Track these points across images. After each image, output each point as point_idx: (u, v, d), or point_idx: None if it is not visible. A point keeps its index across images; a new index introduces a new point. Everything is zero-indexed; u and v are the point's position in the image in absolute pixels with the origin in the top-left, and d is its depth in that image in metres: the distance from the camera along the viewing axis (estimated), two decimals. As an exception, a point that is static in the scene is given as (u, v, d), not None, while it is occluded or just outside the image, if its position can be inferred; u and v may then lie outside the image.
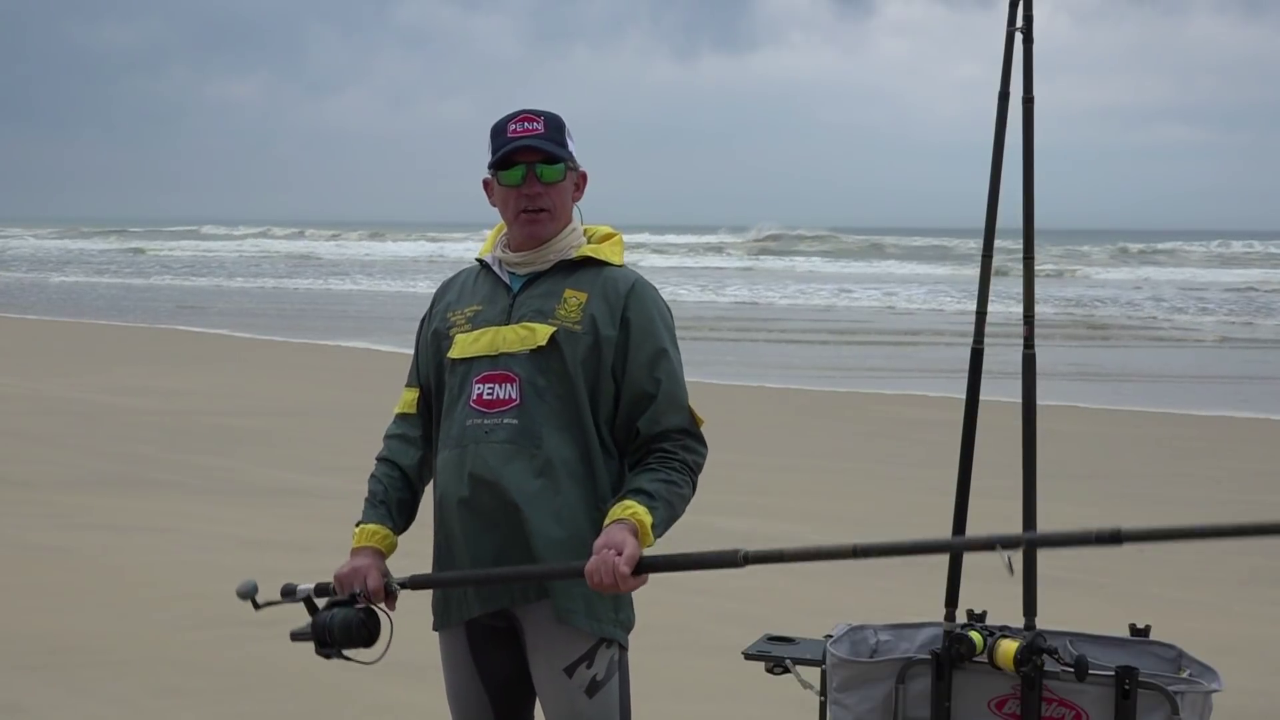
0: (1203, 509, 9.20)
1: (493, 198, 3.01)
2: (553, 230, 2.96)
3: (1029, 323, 3.17)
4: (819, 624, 3.78)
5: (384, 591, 2.86)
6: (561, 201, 2.96)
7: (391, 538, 2.98)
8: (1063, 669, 2.93)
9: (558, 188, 2.94)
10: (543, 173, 2.91)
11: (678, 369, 2.93)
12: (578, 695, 2.87)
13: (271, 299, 32.31)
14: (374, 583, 2.86)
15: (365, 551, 2.93)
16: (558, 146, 2.92)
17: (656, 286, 3.03)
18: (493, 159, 2.94)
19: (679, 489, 2.84)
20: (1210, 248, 53.96)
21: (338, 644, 2.81)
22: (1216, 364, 19.23)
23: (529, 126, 2.92)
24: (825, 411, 13.98)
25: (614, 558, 2.65)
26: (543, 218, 2.93)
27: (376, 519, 2.98)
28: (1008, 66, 3.19)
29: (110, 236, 73.46)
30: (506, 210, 2.96)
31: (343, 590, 2.87)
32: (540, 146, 2.90)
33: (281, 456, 10.87)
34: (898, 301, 30.73)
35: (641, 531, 2.73)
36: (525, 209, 2.92)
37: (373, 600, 2.85)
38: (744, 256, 50.87)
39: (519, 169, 2.91)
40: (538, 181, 2.91)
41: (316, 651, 2.84)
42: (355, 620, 2.82)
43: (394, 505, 3.01)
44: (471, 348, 2.93)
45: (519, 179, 2.91)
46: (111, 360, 17.86)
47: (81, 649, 5.78)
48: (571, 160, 2.96)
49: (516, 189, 2.92)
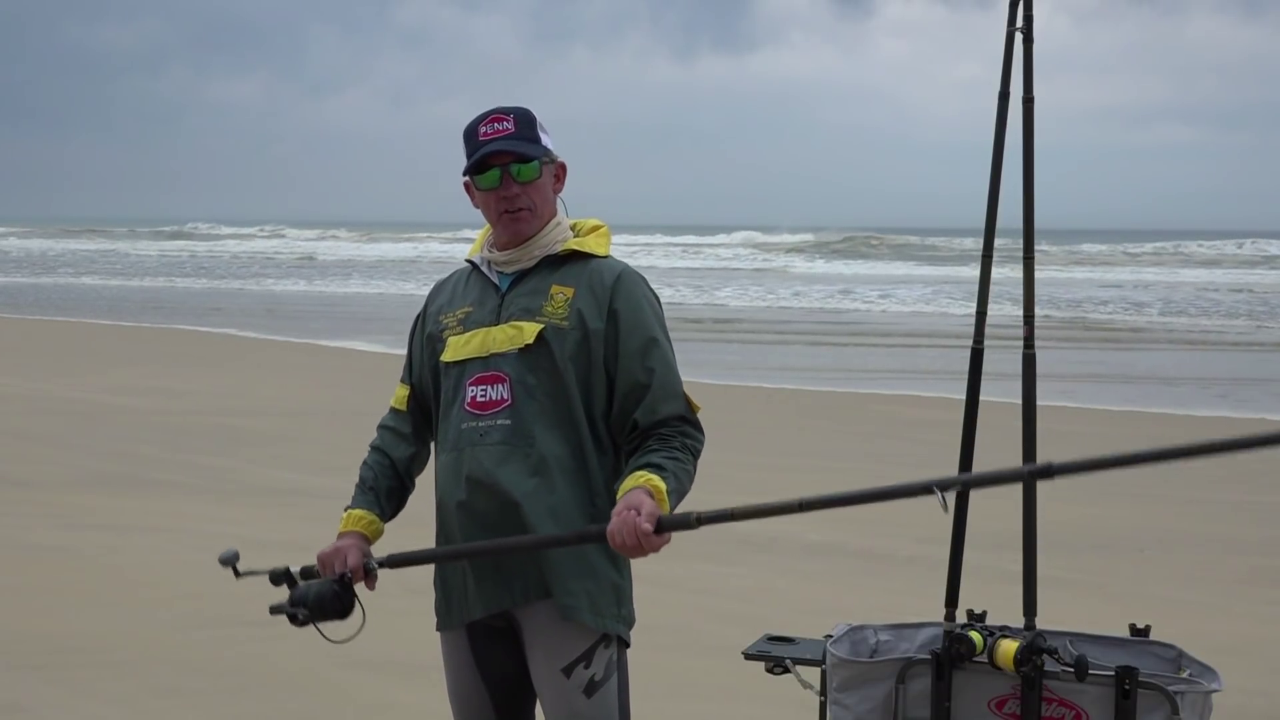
0: (1202, 508, 9.21)
1: (474, 201, 3.02)
2: (536, 226, 2.96)
3: (1029, 323, 3.17)
4: (819, 624, 3.78)
5: (363, 570, 2.90)
6: (542, 198, 2.96)
7: (378, 523, 3.01)
8: (1063, 669, 2.93)
9: (535, 185, 2.94)
10: (518, 173, 2.91)
11: (670, 356, 2.93)
12: (576, 695, 2.87)
13: (271, 299, 32.31)
14: (354, 560, 2.90)
15: (349, 534, 2.98)
16: (530, 144, 2.92)
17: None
18: (468, 164, 2.95)
19: (683, 465, 2.83)
20: (1210, 248, 53.93)
21: (311, 613, 2.86)
22: (1216, 364, 19.23)
23: (499, 127, 2.92)
24: (825, 412, 13.98)
25: (635, 517, 2.63)
26: (524, 215, 2.94)
27: (364, 504, 3.02)
28: (1008, 66, 3.19)
29: (112, 237, 73.41)
30: (489, 213, 2.97)
31: (325, 571, 2.91)
32: (511, 148, 2.90)
33: (281, 456, 10.87)
34: (893, 304, 30.72)
35: (658, 495, 2.72)
36: (506, 210, 2.93)
37: (353, 578, 2.90)
38: (815, 258, 49.98)
39: (494, 172, 2.91)
40: (514, 182, 2.92)
41: (291, 621, 2.89)
42: (329, 591, 2.87)
43: (383, 492, 3.04)
44: (463, 350, 2.94)
45: (495, 182, 2.92)
46: (111, 360, 17.86)
47: (81, 649, 5.78)
48: (546, 155, 2.95)
49: (494, 192, 2.93)
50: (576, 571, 2.86)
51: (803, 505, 2.26)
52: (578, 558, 2.86)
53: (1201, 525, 8.71)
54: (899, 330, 24.57)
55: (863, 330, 24.56)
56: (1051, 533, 3.96)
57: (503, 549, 2.81)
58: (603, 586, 2.89)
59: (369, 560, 2.91)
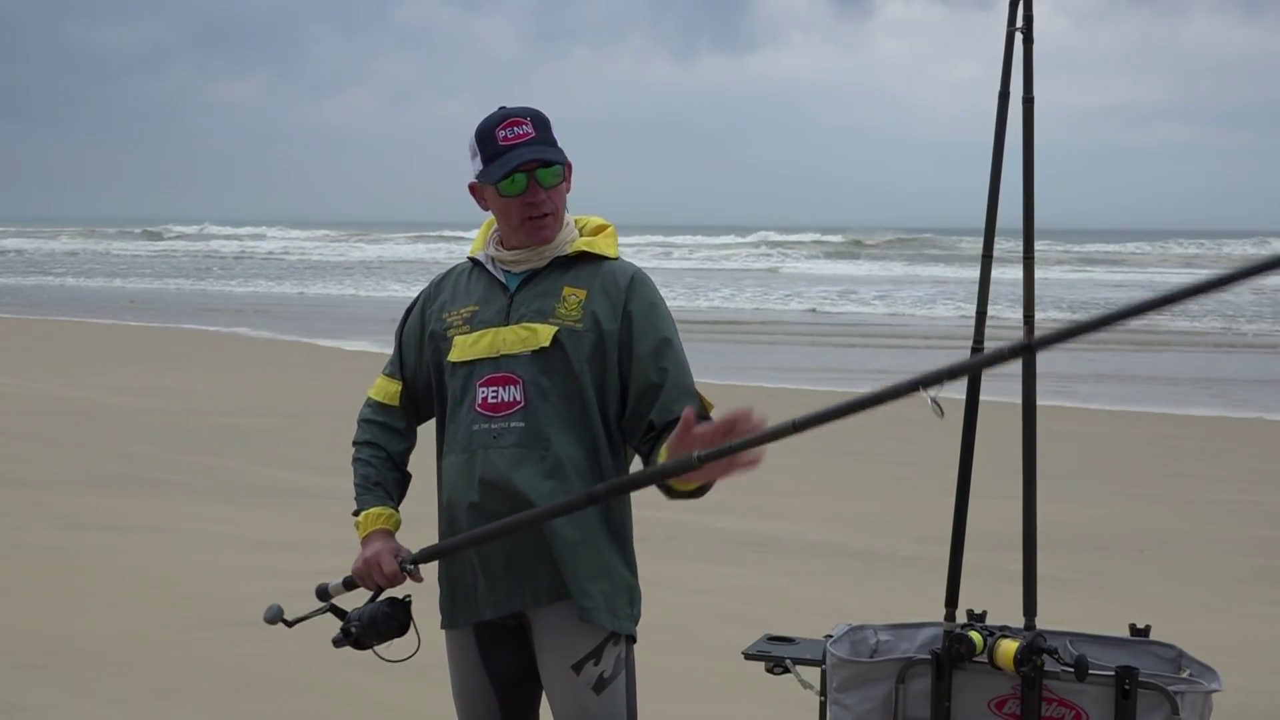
0: (1202, 508, 9.21)
1: (483, 203, 2.98)
2: (558, 230, 2.95)
3: (1029, 323, 3.17)
4: (819, 624, 3.78)
5: (401, 574, 2.86)
6: (562, 202, 2.95)
7: (395, 515, 2.98)
8: (1063, 669, 2.93)
9: (558, 190, 2.93)
10: (544, 178, 2.89)
11: (682, 357, 2.92)
12: (585, 692, 2.87)
13: (271, 299, 32.31)
14: (389, 568, 2.86)
15: (374, 537, 2.93)
16: (552, 148, 2.91)
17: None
18: (488, 170, 2.89)
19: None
20: (1210, 248, 53.91)
21: (370, 638, 2.84)
22: (1216, 364, 19.23)
23: (520, 131, 2.88)
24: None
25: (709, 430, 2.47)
26: (548, 221, 2.92)
27: (376, 501, 2.98)
28: (1008, 67, 3.19)
29: (111, 236, 73.38)
30: (510, 217, 2.92)
31: (365, 584, 2.89)
32: (540, 155, 2.87)
33: (281, 456, 10.86)
34: (892, 304, 30.70)
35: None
36: (531, 216, 2.90)
37: (394, 585, 2.87)
38: (817, 259, 49.59)
39: (521, 178, 2.88)
40: (540, 188, 2.89)
41: (357, 648, 2.87)
42: (380, 614, 2.84)
43: (388, 484, 3.02)
44: (472, 350, 2.92)
45: (522, 188, 2.88)
46: (111, 360, 17.86)
47: (81, 649, 5.78)
48: (564, 158, 2.94)
49: (519, 198, 2.89)
50: (594, 574, 2.86)
51: (796, 426, 2.29)
52: (594, 559, 2.86)
53: (1201, 525, 8.70)
54: (898, 330, 24.57)
55: (862, 330, 24.56)
56: (1051, 533, 3.97)
57: (526, 521, 2.70)
58: (618, 588, 2.89)
59: (403, 560, 2.87)
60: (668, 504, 2.84)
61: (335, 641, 2.87)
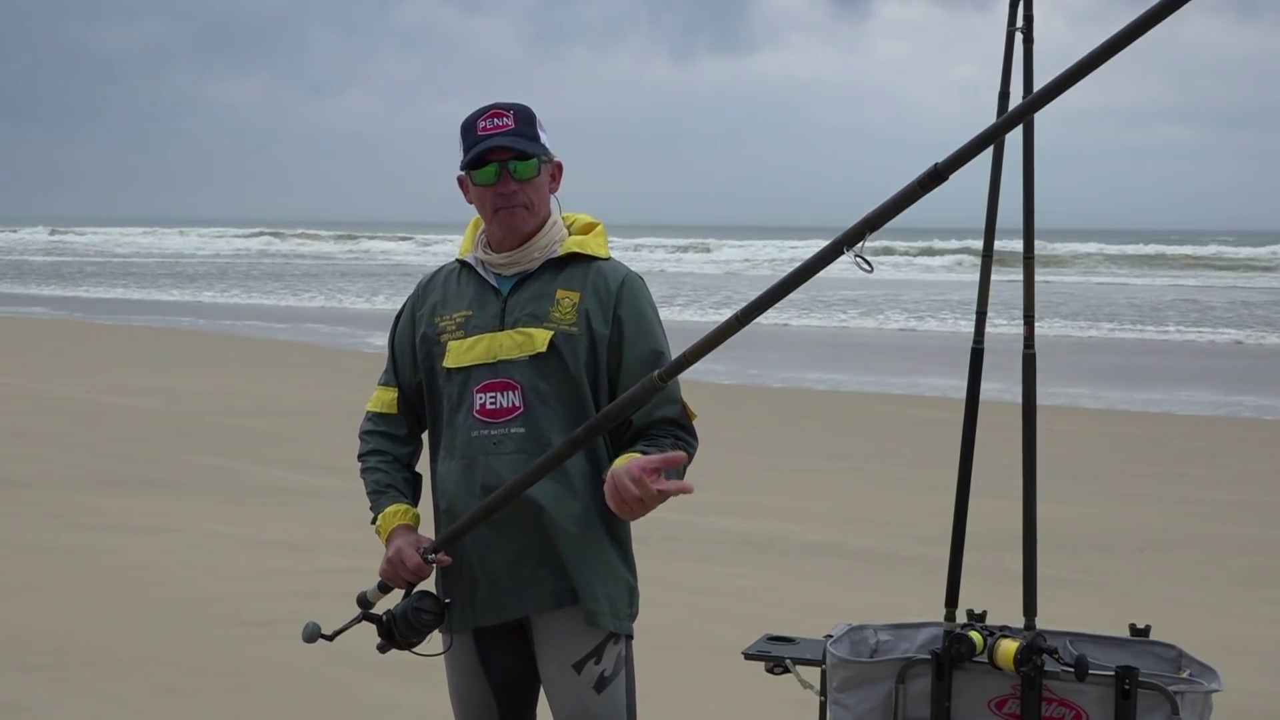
0: (1202, 508, 9.21)
1: (468, 195, 2.98)
2: (532, 225, 2.93)
3: (1029, 323, 3.16)
4: (819, 624, 3.78)
5: (426, 566, 2.86)
6: (539, 196, 2.93)
7: (413, 510, 2.98)
8: (1063, 669, 2.92)
9: (533, 183, 2.91)
10: (516, 169, 2.89)
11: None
12: (586, 691, 2.88)
13: (271, 299, 32.29)
14: (411, 561, 2.86)
15: (395, 535, 2.93)
16: (529, 141, 2.90)
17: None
18: (465, 158, 2.91)
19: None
20: (1209, 248, 53.87)
21: (411, 639, 2.84)
22: (1216, 364, 19.23)
23: (499, 123, 2.89)
24: (825, 411, 13.98)
25: (625, 482, 2.70)
26: (519, 212, 2.91)
27: (390, 501, 2.97)
28: (1008, 67, 3.19)
29: (116, 237, 73.35)
30: (484, 207, 2.93)
31: (395, 584, 2.90)
32: (510, 145, 2.87)
33: (281, 456, 10.86)
34: (892, 304, 30.68)
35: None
36: (502, 206, 2.90)
37: (421, 579, 2.87)
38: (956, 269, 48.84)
39: (491, 167, 2.88)
40: (511, 179, 2.89)
41: (408, 649, 2.88)
42: (410, 610, 2.84)
43: (400, 485, 3.01)
44: (467, 355, 2.91)
45: (493, 177, 2.89)
46: (111, 360, 17.86)
47: (81, 649, 5.78)
48: (544, 153, 2.93)
49: (491, 187, 2.90)
50: (600, 576, 2.87)
51: (740, 319, 2.41)
52: (601, 561, 2.88)
53: (1201, 525, 8.70)
54: (898, 330, 24.57)
55: (862, 330, 24.55)
56: (1051, 533, 3.97)
57: (520, 486, 2.74)
58: (621, 589, 2.91)
59: (424, 551, 2.86)
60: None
61: (380, 648, 2.88)
